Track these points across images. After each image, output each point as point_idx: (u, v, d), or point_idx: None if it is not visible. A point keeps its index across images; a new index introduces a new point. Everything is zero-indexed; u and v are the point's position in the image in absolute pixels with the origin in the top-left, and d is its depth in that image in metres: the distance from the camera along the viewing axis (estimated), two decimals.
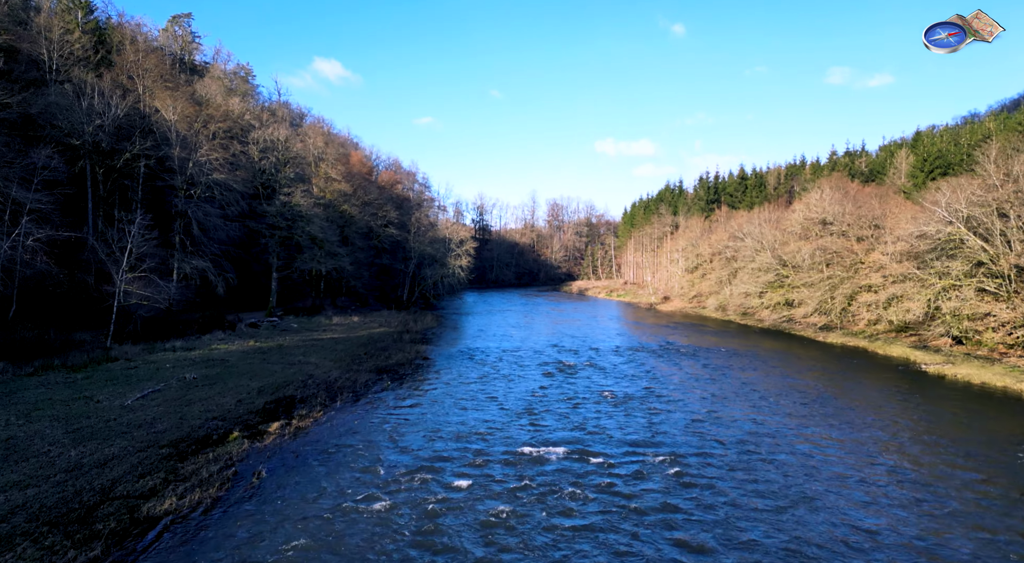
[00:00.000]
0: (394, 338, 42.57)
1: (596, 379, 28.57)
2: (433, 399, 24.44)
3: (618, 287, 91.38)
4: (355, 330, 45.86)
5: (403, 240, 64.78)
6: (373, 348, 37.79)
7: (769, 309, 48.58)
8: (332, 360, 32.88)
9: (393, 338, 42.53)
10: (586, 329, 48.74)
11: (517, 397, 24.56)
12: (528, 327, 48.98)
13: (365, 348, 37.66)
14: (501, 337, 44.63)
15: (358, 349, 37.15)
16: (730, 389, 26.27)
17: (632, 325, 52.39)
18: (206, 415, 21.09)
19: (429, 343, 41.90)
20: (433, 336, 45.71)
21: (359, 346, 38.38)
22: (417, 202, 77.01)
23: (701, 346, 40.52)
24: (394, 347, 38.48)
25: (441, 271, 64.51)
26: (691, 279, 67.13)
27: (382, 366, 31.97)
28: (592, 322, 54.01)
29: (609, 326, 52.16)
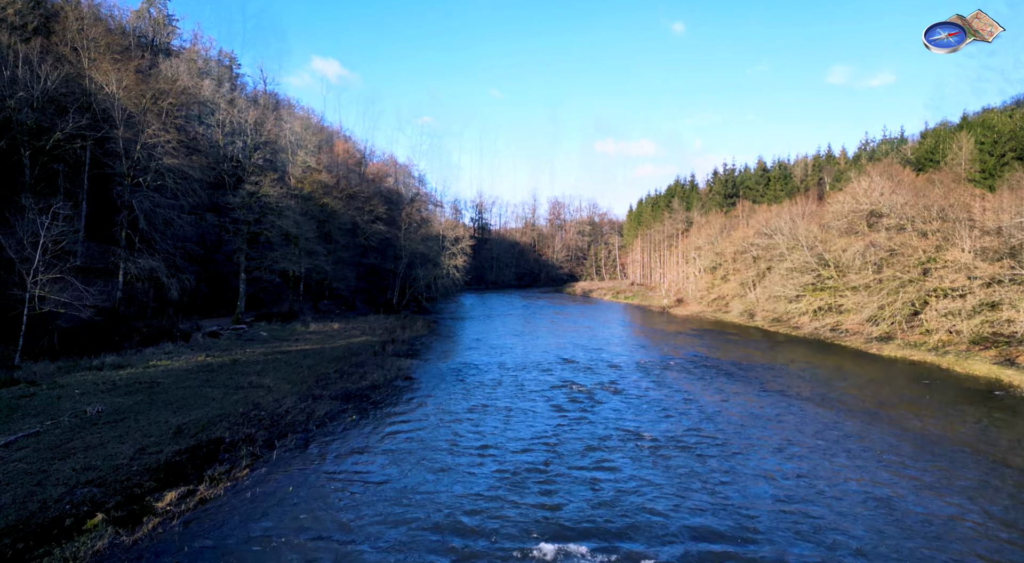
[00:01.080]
0: (375, 350, 36.26)
1: (623, 413, 22.21)
2: (407, 448, 18.10)
3: (624, 288, 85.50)
4: (332, 339, 39.55)
5: (393, 238, 58.48)
6: (347, 364, 31.49)
7: (808, 316, 42.21)
8: (291, 382, 26.57)
9: (374, 350, 36.22)
10: (598, 338, 42.43)
11: (519, 446, 18.19)
12: (531, 335, 42.66)
13: (337, 364, 31.37)
14: (499, 349, 38.25)
15: (328, 365, 30.86)
16: (810, 431, 19.83)
17: (649, 332, 46.00)
18: (79, 477, 14.80)
19: (416, 356, 35.58)
20: (421, 347, 39.36)
21: (331, 361, 32.09)
22: (409, 197, 70.63)
23: (737, 360, 34.16)
24: (372, 362, 32.17)
25: (434, 271, 58.22)
26: (710, 280, 60.80)
27: (352, 390, 25.65)
28: (603, 329, 47.56)
29: (623, 334, 45.84)
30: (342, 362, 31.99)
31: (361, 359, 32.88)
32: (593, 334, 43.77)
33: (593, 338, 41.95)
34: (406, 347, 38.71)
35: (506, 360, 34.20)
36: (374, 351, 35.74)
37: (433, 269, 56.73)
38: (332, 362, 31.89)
